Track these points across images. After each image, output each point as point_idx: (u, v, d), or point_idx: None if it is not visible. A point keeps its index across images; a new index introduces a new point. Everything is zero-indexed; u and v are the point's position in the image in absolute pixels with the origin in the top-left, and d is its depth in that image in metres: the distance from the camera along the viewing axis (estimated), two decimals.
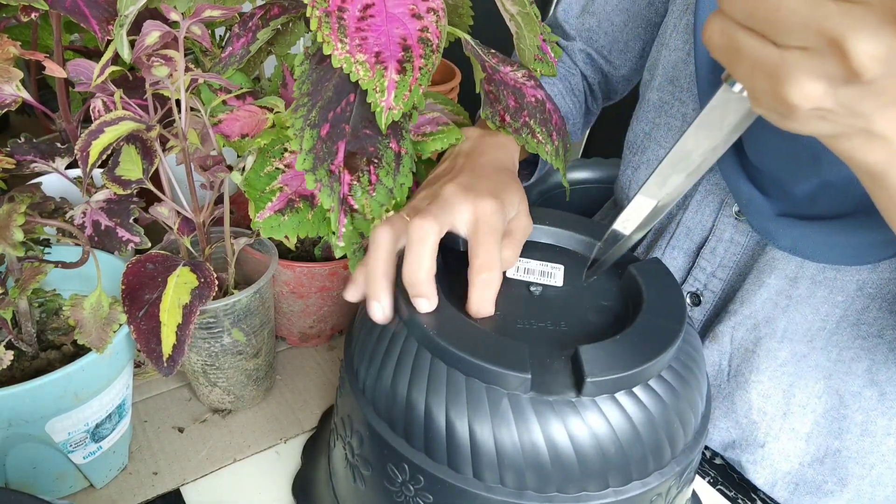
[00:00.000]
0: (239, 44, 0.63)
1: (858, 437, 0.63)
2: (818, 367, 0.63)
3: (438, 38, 0.53)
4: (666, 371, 0.43)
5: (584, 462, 0.40)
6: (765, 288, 0.64)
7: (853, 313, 0.61)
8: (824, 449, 0.64)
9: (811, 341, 0.63)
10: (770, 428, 0.67)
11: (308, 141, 0.52)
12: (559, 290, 0.50)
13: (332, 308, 0.73)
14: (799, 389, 0.65)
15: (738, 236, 0.68)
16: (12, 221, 0.49)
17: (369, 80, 0.51)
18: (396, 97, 0.51)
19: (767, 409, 0.67)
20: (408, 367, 0.43)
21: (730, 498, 0.65)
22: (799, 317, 0.63)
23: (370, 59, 0.51)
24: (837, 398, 0.63)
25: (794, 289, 0.63)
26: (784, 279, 0.63)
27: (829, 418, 0.64)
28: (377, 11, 0.52)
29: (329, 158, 0.53)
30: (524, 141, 0.61)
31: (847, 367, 0.62)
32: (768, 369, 0.66)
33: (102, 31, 0.60)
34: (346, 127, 0.53)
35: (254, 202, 0.57)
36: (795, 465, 0.66)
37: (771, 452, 0.67)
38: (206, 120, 0.56)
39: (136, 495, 0.59)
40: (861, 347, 0.61)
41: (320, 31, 0.50)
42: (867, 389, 0.62)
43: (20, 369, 0.56)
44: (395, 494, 0.45)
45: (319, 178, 0.52)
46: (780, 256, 0.63)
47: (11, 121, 1.10)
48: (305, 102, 0.53)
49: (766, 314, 0.65)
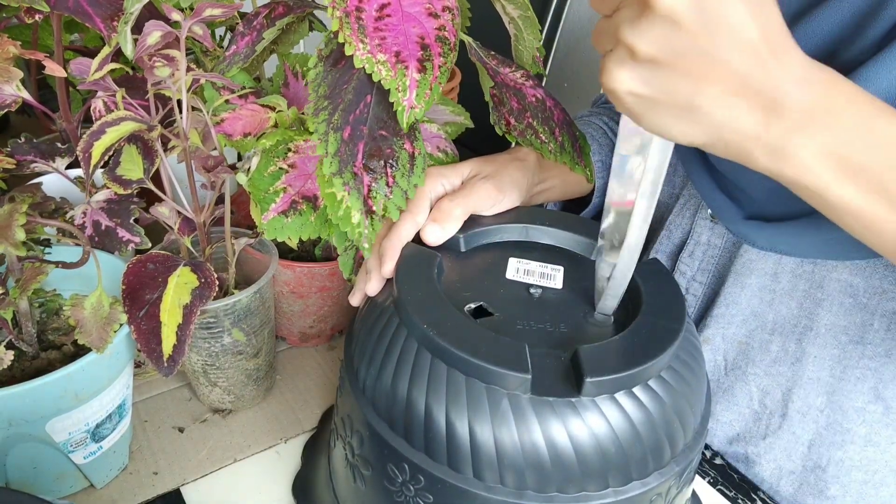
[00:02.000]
0: (243, 42, 0.63)
1: (862, 447, 0.63)
2: (820, 381, 0.63)
3: (455, 37, 0.53)
4: (666, 371, 0.43)
5: (583, 462, 0.40)
6: (747, 289, 0.65)
7: (854, 328, 0.61)
8: (827, 458, 0.64)
9: (800, 340, 0.63)
10: (770, 422, 0.67)
11: (333, 144, 0.52)
12: (559, 291, 0.51)
13: (332, 308, 0.73)
14: (799, 398, 0.65)
15: (715, 238, 0.68)
16: (14, 221, 0.49)
17: (391, 79, 0.51)
18: (418, 96, 0.51)
19: (767, 404, 0.67)
20: (408, 368, 0.43)
21: (730, 498, 0.65)
22: (785, 309, 0.64)
23: (391, 58, 0.51)
24: (841, 413, 0.63)
25: (777, 283, 0.64)
26: (765, 276, 0.64)
27: (833, 431, 0.64)
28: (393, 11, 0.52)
29: (351, 161, 0.53)
30: (528, 143, 0.61)
31: (852, 386, 0.62)
32: (763, 363, 0.66)
33: (108, 28, 0.60)
34: (364, 129, 0.53)
35: (258, 203, 0.57)
36: (799, 466, 0.66)
37: (773, 447, 0.67)
38: (207, 119, 0.56)
39: (136, 495, 0.59)
40: (867, 367, 0.61)
41: (342, 31, 0.50)
42: (872, 405, 0.62)
43: (20, 369, 0.56)
44: (395, 494, 0.45)
45: (347, 181, 0.52)
46: (756, 257, 0.64)
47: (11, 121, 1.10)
48: (326, 106, 0.53)
49: (753, 309, 0.66)
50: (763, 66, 0.37)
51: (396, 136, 0.55)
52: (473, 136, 0.75)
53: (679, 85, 0.38)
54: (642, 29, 0.37)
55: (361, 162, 0.53)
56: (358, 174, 0.53)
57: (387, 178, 0.54)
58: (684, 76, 0.38)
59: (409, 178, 0.55)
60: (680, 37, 0.37)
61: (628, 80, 0.39)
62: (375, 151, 0.53)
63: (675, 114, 0.40)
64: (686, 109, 0.39)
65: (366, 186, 0.53)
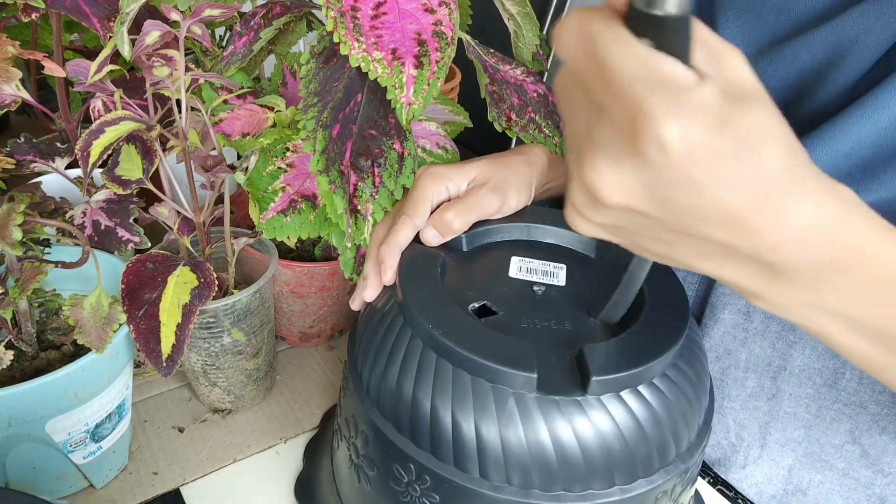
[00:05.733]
0: (241, 42, 0.62)
1: (841, 477, 0.62)
2: (797, 416, 0.62)
3: (452, 31, 0.53)
4: (670, 369, 0.43)
5: (589, 460, 0.40)
6: (721, 323, 0.64)
7: (827, 372, 0.59)
8: (807, 481, 0.64)
9: (775, 378, 0.62)
10: (749, 453, 0.66)
11: (321, 142, 0.52)
12: (562, 289, 0.50)
13: (332, 308, 0.73)
14: (776, 430, 0.64)
15: (690, 275, 0.68)
16: (11, 221, 0.49)
17: (387, 77, 0.50)
18: (416, 92, 0.51)
19: (744, 437, 0.66)
20: (413, 368, 0.43)
21: (730, 498, 0.65)
22: (758, 349, 0.63)
23: (387, 56, 0.50)
24: (819, 446, 0.62)
25: (750, 322, 0.63)
26: (738, 313, 0.63)
27: (812, 459, 0.63)
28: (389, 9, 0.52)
29: (339, 159, 0.52)
30: (532, 138, 0.61)
31: (828, 425, 0.61)
32: (739, 397, 0.65)
33: (104, 28, 0.60)
34: (354, 127, 0.53)
35: (257, 202, 0.57)
36: (780, 490, 0.66)
37: (753, 474, 0.66)
38: (206, 119, 0.56)
39: (136, 495, 0.59)
40: (841, 412, 0.60)
41: (336, 31, 0.50)
42: (849, 445, 0.60)
43: (20, 369, 0.55)
44: (400, 495, 0.45)
45: (333, 180, 0.52)
46: (729, 292, 0.63)
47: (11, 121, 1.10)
48: (315, 102, 0.52)
49: (726, 346, 0.65)
50: (750, 232, 0.31)
51: (386, 136, 0.54)
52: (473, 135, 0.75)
53: (652, 246, 0.35)
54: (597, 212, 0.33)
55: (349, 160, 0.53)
56: (345, 173, 0.53)
57: (374, 177, 0.54)
58: (657, 242, 0.35)
59: (396, 179, 0.55)
60: (642, 219, 0.33)
61: (591, 230, 0.36)
62: (364, 150, 0.53)
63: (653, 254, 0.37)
64: (664, 257, 0.36)
65: (352, 185, 0.53)
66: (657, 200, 0.31)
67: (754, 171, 0.29)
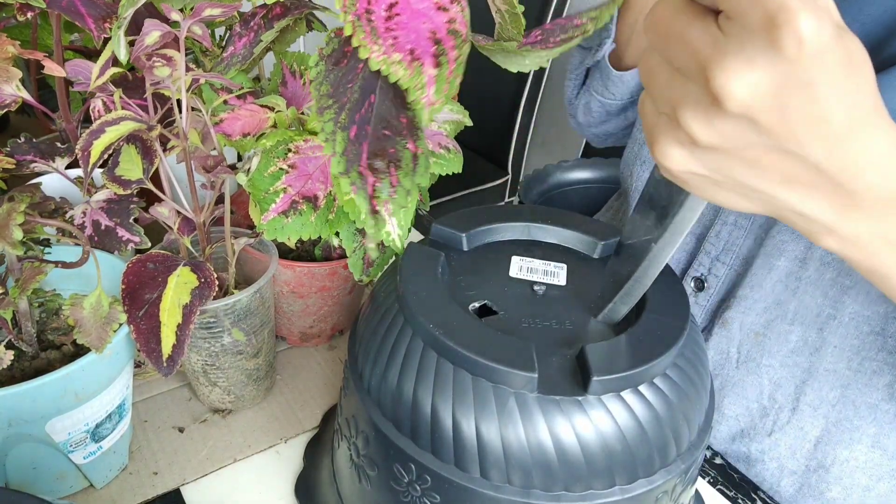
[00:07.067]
0: (240, 43, 0.62)
1: (869, 447, 0.63)
2: (836, 373, 0.63)
3: (466, 28, 0.53)
4: (671, 369, 0.43)
5: (590, 460, 0.40)
6: (775, 271, 0.64)
7: (876, 318, 0.60)
8: (832, 457, 0.64)
9: (821, 329, 0.63)
10: (778, 417, 0.67)
11: (340, 144, 0.52)
12: (562, 289, 0.50)
13: (333, 308, 0.73)
14: (812, 390, 0.64)
15: (742, 219, 0.68)
16: (11, 220, 0.49)
17: (408, 78, 0.50)
18: (437, 91, 0.51)
19: (777, 398, 0.66)
20: (413, 367, 0.43)
21: (730, 498, 0.65)
22: (809, 299, 0.63)
23: (406, 57, 0.50)
24: (853, 409, 0.63)
25: (804, 270, 0.63)
26: (794, 260, 0.63)
27: (842, 428, 0.63)
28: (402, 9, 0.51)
29: (356, 160, 0.52)
30: None
31: (867, 379, 0.61)
32: (780, 353, 0.66)
33: (99, 29, 0.60)
34: (368, 128, 0.53)
35: (258, 203, 0.57)
36: (802, 465, 0.66)
37: (778, 444, 0.67)
38: (207, 119, 0.56)
39: (136, 495, 0.59)
40: (885, 361, 0.60)
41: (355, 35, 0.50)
42: (885, 403, 0.61)
43: (20, 369, 0.55)
44: (401, 494, 0.45)
45: (353, 181, 0.52)
46: (789, 238, 0.63)
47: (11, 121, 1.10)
48: (331, 104, 0.52)
49: (777, 297, 0.65)
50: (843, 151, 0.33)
51: (399, 136, 0.54)
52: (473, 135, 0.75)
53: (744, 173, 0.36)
54: (709, 121, 0.34)
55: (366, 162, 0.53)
56: (363, 174, 0.53)
57: (391, 177, 0.54)
58: (751, 166, 0.35)
59: (412, 178, 0.55)
60: (752, 133, 0.33)
61: (684, 161, 0.36)
62: (379, 151, 0.53)
63: (736, 192, 0.37)
64: (749, 190, 0.37)
65: (370, 186, 0.53)
66: (777, 106, 0.32)
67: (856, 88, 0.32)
